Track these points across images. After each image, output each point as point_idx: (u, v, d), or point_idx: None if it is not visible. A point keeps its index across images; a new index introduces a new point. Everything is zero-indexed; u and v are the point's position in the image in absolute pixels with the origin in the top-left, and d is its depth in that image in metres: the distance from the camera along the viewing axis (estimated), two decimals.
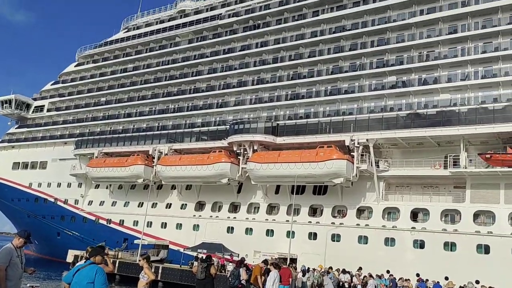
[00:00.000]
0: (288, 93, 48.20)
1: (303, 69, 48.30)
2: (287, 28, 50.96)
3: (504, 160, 33.69)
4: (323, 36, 47.70)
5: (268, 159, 42.24)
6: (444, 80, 39.54)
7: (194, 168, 46.71)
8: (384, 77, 42.89)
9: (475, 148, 37.08)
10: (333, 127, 41.97)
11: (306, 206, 43.06)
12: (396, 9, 44.27)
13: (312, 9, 49.85)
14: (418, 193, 39.21)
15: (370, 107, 42.72)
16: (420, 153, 39.43)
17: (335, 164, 38.55)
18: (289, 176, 40.27)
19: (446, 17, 40.85)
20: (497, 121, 34.36)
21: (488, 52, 38.08)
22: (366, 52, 44.35)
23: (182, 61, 58.41)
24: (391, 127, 38.97)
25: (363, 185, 40.96)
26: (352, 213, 40.71)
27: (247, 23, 54.57)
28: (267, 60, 51.16)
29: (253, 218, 45.60)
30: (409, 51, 42.11)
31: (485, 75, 37.92)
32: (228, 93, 52.70)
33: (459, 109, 37.02)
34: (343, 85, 45.13)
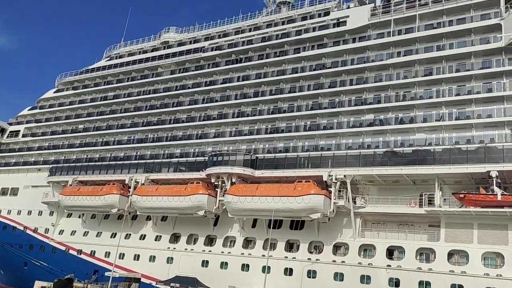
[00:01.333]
0: (268, 127, 48.62)
1: (283, 104, 48.97)
2: (268, 63, 51.94)
3: (477, 201, 34.33)
4: (303, 73, 48.72)
5: (246, 192, 42.05)
6: (420, 120, 40.58)
7: (170, 199, 46.06)
8: (362, 114, 43.77)
9: (449, 188, 37.76)
10: (311, 162, 42.30)
11: (283, 241, 42.68)
12: (374, 50, 45.72)
13: (294, 46, 51.08)
14: (394, 230, 39.41)
15: (348, 144, 43.35)
16: (396, 190, 39.88)
17: (313, 199, 38.65)
18: (267, 210, 40.10)
19: (422, 60, 42.35)
20: (470, 162, 35.23)
21: (461, 94, 39.45)
22: (345, 90, 45.39)
23: (164, 91, 58.58)
24: (368, 164, 39.49)
25: (340, 221, 40.99)
26: (328, 249, 40.50)
27: (229, 57, 55.42)
28: (248, 93, 51.77)
29: (228, 252, 44.86)
30: (386, 90, 43.27)
31: (458, 117, 39.09)
32: (208, 125, 52.83)
33: (434, 148, 37.87)
34: (322, 121, 45.84)
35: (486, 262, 34.39)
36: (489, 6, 40.81)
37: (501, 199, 33.27)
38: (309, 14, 51.94)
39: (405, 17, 44.81)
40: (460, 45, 40.94)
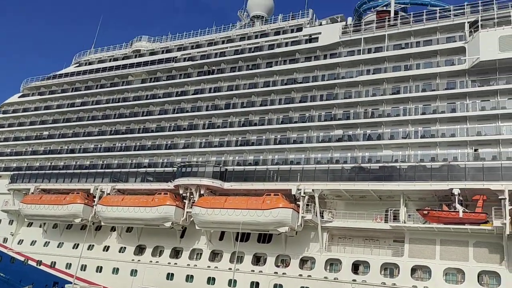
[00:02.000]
0: (238, 139, 48.63)
1: (254, 116, 49.15)
2: (240, 76, 52.15)
3: (439, 217, 35.22)
4: (275, 87, 49.13)
5: (214, 204, 41.77)
6: (387, 137, 41.48)
7: (137, 209, 45.17)
8: (332, 130, 44.41)
9: (413, 204, 38.61)
10: (280, 176, 42.49)
11: (250, 254, 42.47)
12: (344, 67, 46.65)
13: (266, 60, 51.52)
14: (360, 245, 39.88)
15: (317, 158, 43.82)
16: (362, 206, 40.49)
17: (281, 212, 38.73)
18: (235, 222, 39.89)
19: (390, 78, 43.47)
20: (434, 179, 36.19)
21: (427, 113, 40.62)
22: (315, 105, 46.00)
23: (133, 100, 57.81)
24: (337, 178, 39.98)
25: (307, 235, 41.18)
26: (295, 263, 40.54)
27: (201, 68, 55.34)
28: (220, 105, 51.72)
29: (195, 264, 44.23)
30: (355, 107, 44.12)
31: (424, 135, 40.21)
32: (178, 135, 52.37)
33: (400, 165, 38.74)
34: (292, 135, 46.22)
35: (448, 277, 35.19)
36: (454, 29, 42.39)
37: (462, 216, 34.24)
38: (282, 29, 52.61)
39: (374, 36, 45.97)
40: (427, 65, 42.27)
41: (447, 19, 42.75)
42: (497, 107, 37.89)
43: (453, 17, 42.41)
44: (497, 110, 37.68)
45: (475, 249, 35.03)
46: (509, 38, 37.44)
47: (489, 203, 34.05)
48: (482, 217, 33.97)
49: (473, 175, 35.14)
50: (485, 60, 38.13)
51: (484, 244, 34.93)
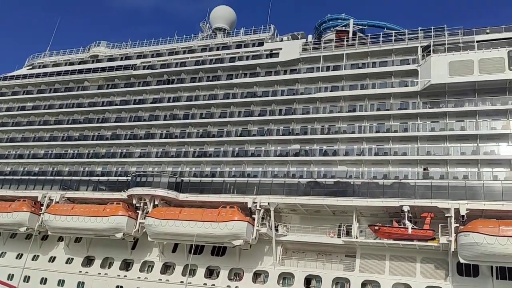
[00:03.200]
0: (196, 150, 48.24)
1: (213, 128, 48.97)
2: (200, 87, 51.96)
3: (390, 233, 36.23)
4: (235, 99, 49.27)
5: (168, 215, 41.04)
6: (342, 153, 42.42)
7: (87, 219, 43.62)
8: (289, 144, 44.94)
9: (366, 219, 39.55)
10: (237, 188, 42.46)
11: (203, 267, 41.91)
12: (303, 83, 47.51)
13: (227, 72, 51.65)
14: (313, 259, 40.30)
15: (274, 172, 44.08)
16: (317, 220, 41.03)
17: (236, 225, 38.58)
18: (189, 234, 39.33)
19: (347, 96, 44.64)
20: (385, 196, 37.29)
21: (381, 132, 41.93)
22: (274, 119, 46.47)
23: (89, 106, 56.26)
24: (292, 193, 40.38)
25: (262, 249, 41.16)
26: (248, 277, 40.34)
27: (161, 77, 54.72)
28: (178, 115, 51.20)
29: (145, 277, 43.10)
30: (313, 123, 44.90)
31: (377, 153, 41.44)
32: (134, 144, 51.30)
33: (353, 181, 39.65)
34: (250, 148, 46.37)
35: None
36: (408, 52, 44.25)
37: (411, 233, 35.37)
38: (243, 42, 53.03)
39: (333, 54, 47.20)
40: (382, 86, 43.78)
41: (401, 42, 44.58)
42: (445, 129, 39.67)
43: (407, 40, 44.27)
44: (446, 131, 39.45)
45: (422, 265, 36.22)
46: (458, 63, 39.45)
47: (437, 221, 35.36)
48: (430, 234, 35.23)
49: (422, 193, 36.49)
50: (436, 84, 39.96)
51: (430, 260, 36.18)
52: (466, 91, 39.68)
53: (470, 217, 33.73)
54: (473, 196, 34.65)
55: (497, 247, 30.74)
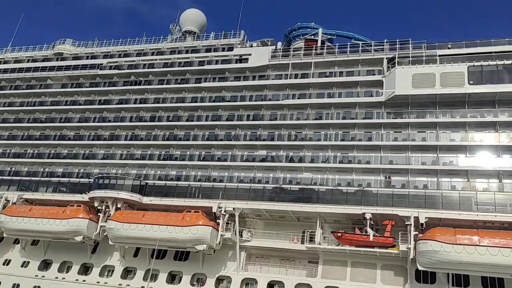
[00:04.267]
0: (162, 153, 47.63)
1: (179, 131, 48.51)
2: (168, 89, 51.42)
3: (352, 240, 36.85)
4: (202, 103, 49.03)
5: (131, 219, 40.29)
6: (308, 160, 42.90)
7: (45, 221, 42.29)
8: (256, 150, 45.06)
9: (329, 226, 40.06)
10: (202, 193, 42.21)
11: (165, 272, 41.32)
12: (272, 89, 47.82)
13: (195, 75, 51.33)
14: (276, 265, 40.43)
15: (240, 177, 44.06)
16: (281, 226, 41.24)
17: (200, 230, 38.31)
18: (152, 239, 38.75)
19: (314, 104, 45.23)
20: (349, 203, 37.92)
21: (346, 140, 42.69)
22: (242, 124, 46.50)
23: (51, 104, 54.64)
24: (258, 198, 40.46)
25: (225, 254, 40.99)
26: (211, 282, 40.07)
27: (128, 78, 53.82)
28: (145, 117, 50.47)
29: (105, 282, 42.10)
30: (280, 129, 45.23)
31: (342, 160, 42.11)
32: (98, 145, 50.16)
33: (318, 188, 40.15)
34: (217, 152, 46.19)
35: None
36: (374, 63, 45.31)
37: (372, 240, 36.09)
38: (213, 46, 52.86)
39: (302, 62, 47.77)
40: (348, 95, 44.64)
41: (368, 53, 45.62)
42: (407, 139, 40.79)
43: (373, 52, 45.35)
44: (408, 141, 40.55)
45: (382, 272, 36.98)
46: (421, 76, 40.74)
47: (397, 228, 36.24)
48: (390, 241, 36.06)
49: (384, 201, 37.30)
50: (400, 95, 41.08)
51: (390, 267, 37.01)
52: (428, 103, 41.01)
53: (429, 225, 34.75)
54: (432, 205, 35.73)
55: (454, 255, 31.78)
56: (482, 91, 38.93)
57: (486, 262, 31.15)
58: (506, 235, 31.84)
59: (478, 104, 39.63)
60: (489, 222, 34.41)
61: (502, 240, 31.24)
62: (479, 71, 39.23)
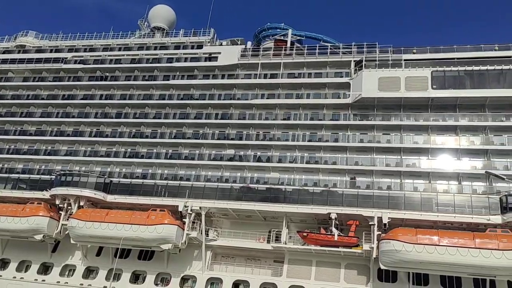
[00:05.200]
0: (128, 151, 46.79)
1: (146, 129, 47.77)
2: (135, 86, 50.53)
3: (317, 240, 37.29)
4: (170, 101, 48.45)
5: (94, 217, 39.36)
6: (275, 160, 43.11)
7: (3, 219, 40.86)
8: (224, 149, 44.91)
9: (295, 226, 40.37)
10: (168, 191, 41.67)
11: (129, 271, 40.62)
12: (241, 88, 47.78)
13: (164, 72, 50.68)
14: (242, 264, 40.43)
15: (207, 176, 43.82)
16: (248, 225, 41.26)
17: (166, 229, 37.84)
18: (115, 238, 38.01)
19: (282, 105, 45.50)
20: (315, 203, 38.32)
21: (313, 141, 43.16)
22: (210, 123, 46.25)
23: (12, 98, 52.76)
24: (225, 197, 40.32)
25: (191, 253, 40.67)
26: (176, 282, 39.66)
27: (94, 73, 52.54)
28: (110, 114, 49.42)
29: (65, 282, 41.03)
30: (248, 128, 45.24)
31: (309, 161, 42.53)
32: (61, 141, 48.77)
33: (285, 188, 40.39)
34: (184, 150, 45.75)
35: None
36: (342, 65, 46.00)
37: (337, 240, 36.63)
38: (182, 44, 52.31)
39: (271, 63, 47.95)
40: (316, 96, 45.14)
41: (336, 55, 46.29)
42: (373, 141, 41.66)
43: (341, 54, 46.06)
44: (373, 143, 41.42)
45: (346, 271, 37.60)
46: (387, 79, 41.68)
47: (361, 228, 36.92)
48: (354, 241, 36.70)
49: (349, 201, 37.86)
50: (366, 97, 41.89)
51: (354, 266, 37.67)
52: (393, 106, 42.00)
53: (391, 226, 35.59)
54: (395, 206, 36.57)
55: (414, 254, 32.64)
56: (444, 96, 40.21)
57: (445, 261, 32.16)
58: (464, 235, 32.97)
59: (440, 108, 40.93)
60: (448, 223, 35.55)
61: (460, 240, 32.33)
62: (442, 76, 40.51)
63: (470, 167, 38.49)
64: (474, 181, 37.92)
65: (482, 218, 34.52)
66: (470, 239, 32.26)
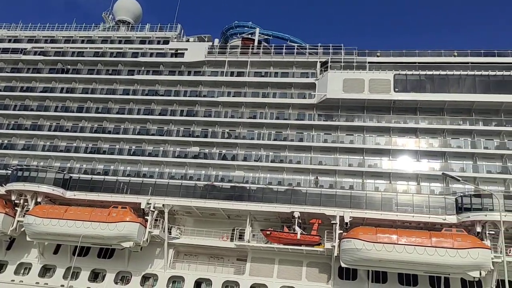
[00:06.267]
0: (89, 146, 45.63)
1: (109, 124, 46.71)
2: (98, 79, 49.29)
3: (280, 238, 37.57)
4: (135, 96, 47.59)
5: (52, 214, 38.22)
6: (240, 158, 43.06)
7: None
8: (188, 146, 44.51)
9: (259, 224, 40.53)
10: (131, 188, 40.97)
11: (88, 270, 39.69)
12: (207, 85, 47.48)
13: (128, 67, 49.68)
14: (204, 263, 40.26)
15: (171, 173, 43.31)
16: (211, 223, 41.10)
17: (127, 226, 37.17)
18: (74, 235, 37.05)
19: (249, 103, 45.52)
20: (279, 201, 38.60)
21: (278, 140, 43.40)
22: (175, 119, 45.72)
23: None
24: (189, 195, 40.00)
25: (153, 251, 40.12)
26: (136, 280, 39.04)
27: (54, 65, 50.87)
28: (71, 107, 48.03)
29: (20, 280, 39.65)
30: (214, 126, 45.02)
31: (273, 160, 42.75)
32: (18, 135, 46.98)
33: (249, 186, 40.47)
34: (148, 147, 45.06)
35: None
36: (308, 66, 46.49)
37: (300, 238, 37.03)
38: (148, 39, 51.41)
39: (238, 61, 47.90)
40: (282, 96, 45.44)
41: (303, 56, 46.75)
42: (336, 141, 42.35)
43: (308, 55, 46.56)
44: (336, 143, 42.10)
45: (308, 269, 38.09)
46: (351, 81, 42.45)
47: (324, 227, 37.47)
48: (316, 239, 37.22)
49: (312, 200, 38.38)
50: (331, 98, 42.52)
51: (315, 264, 38.23)
52: (357, 108, 42.83)
53: (352, 225, 36.32)
54: (357, 205, 37.36)
55: (374, 253, 33.43)
56: (405, 99, 41.35)
57: (403, 260, 33.10)
58: (421, 234, 34.06)
59: (402, 110, 42.07)
60: (407, 222, 36.64)
61: (418, 239, 33.38)
62: (404, 79, 41.65)
63: (429, 169, 39.75)
64: (432, 182, 39.22)
65: (439, 217, 35.77)
66: (427, 238, 33.35)
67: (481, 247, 32.66)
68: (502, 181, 38.18)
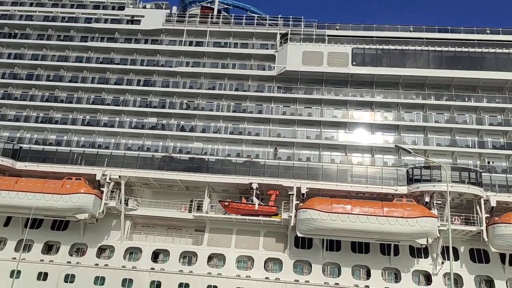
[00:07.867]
0: (40, 115, 43.86)
1: (61, 92, 44.89)
2: (49, 45, 46.95)
3: (238, 209, 37.96)
4: (88, 64, 45.79)
5: (1, 185, 36.84)
6: (199, 130, 42.70)
7: None
8: (146, 117, 43.61)
9: (217, 195, 40.69)
10: (85, 159, 39.93)
11: (41, 242, 38.80)
12: (165, 55, 46.25)
13: (81, 33, 47.51)
14: (162, 234, 40.20)
15: (128, 144, 42.48)
16: (169, 195, 40.88)
17: (82, 198, 36.40)
18: (25, 207, 35.92)
19: (208, 74, 44.87)
20: (237, 173, 38.80)
21: (237, 112, 43.20)
22: (131, 89, 44.49)
23: None
24: (146, 166, 39.46)
25: (109, 223, 39.63)
26: (92, 252, 38.58)
27: (1, 29, 47.89)
28: (20, 75, 45.70)
29: None
30: (172, 97, 44.17)
31: (232, 132, 42.63)
32: None
33: (208, 158, 40.39)
34: (103, 117, 43.78)
35: (239, 264, 38.21)
36: (268, 37, 46.13)
37: (257, 209, 37.58)
38: (102, 4, 49.05)
39: (197, 30, 46.79)
40: (241, 67, 45.02)
41: (263, 27, 46.26)
42: (295, 114, 42.71)
43: (268, 26, 46.13)
44: (295, 116, 42.48)
45: (264, 239, 38.86)
46: (310, 53, 42.62)
47: (282, 198, 38.10)
48: (274, 210, 37.89)
49: (271, 172, 38.88)
50: (290, 70, 42.60)
51: (272, 234, 39.03)
52: (316, 80, 43.18)
53: (309, 195, 37.14)
54: (314, 177, 38.16)
55: (329, 222, 34.46)
56: (362, 73, 42.06)
57: (356, 229, 34.37)
58: (374, 204, 35.38)
59: (358, 84, 42.85)
60: (361, 193, 37.89)
61: (370, 209, 34.68)
62: (361, 53, 42.25)
63: (383, 141, 41.00)
64: (386, 154, 40.57)
65: (391, 188, 37.20)
66: (379, 208, 34.70)
67: (429, 216, 34.36)
68: (450, 154, 39.99)
